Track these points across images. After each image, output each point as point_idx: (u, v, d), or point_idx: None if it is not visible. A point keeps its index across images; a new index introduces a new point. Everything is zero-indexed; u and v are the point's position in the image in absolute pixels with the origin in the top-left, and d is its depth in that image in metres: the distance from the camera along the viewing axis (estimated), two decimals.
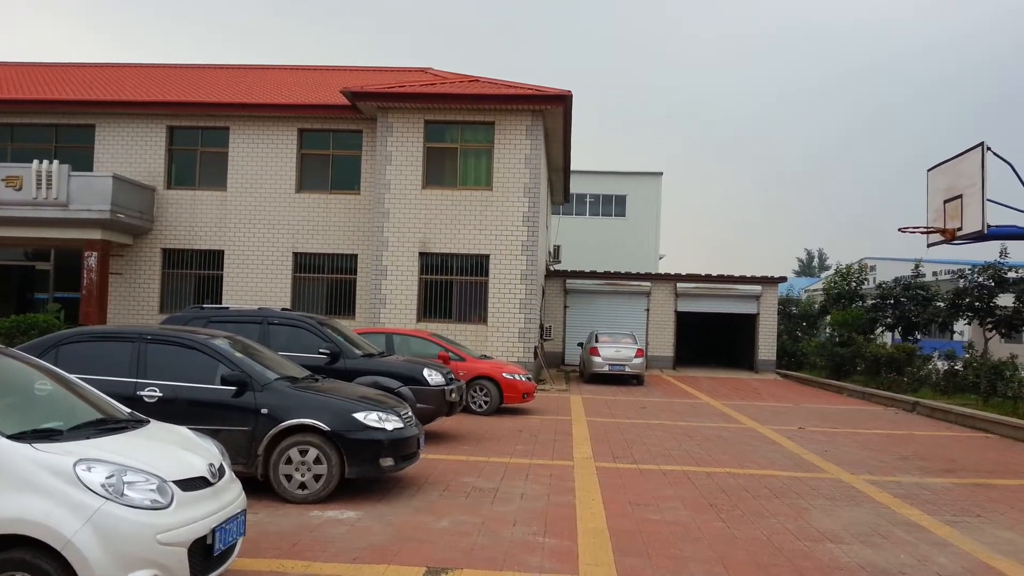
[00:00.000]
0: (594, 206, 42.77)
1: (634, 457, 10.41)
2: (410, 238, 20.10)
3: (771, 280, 29.90)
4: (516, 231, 20.03)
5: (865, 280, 31.55)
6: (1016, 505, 8.28)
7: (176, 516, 4.22)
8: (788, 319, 33.15)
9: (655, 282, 29.73)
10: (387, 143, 20.18)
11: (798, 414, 16.48)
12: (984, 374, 17.09)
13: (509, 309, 20.01)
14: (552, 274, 29.29)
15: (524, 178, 20.05)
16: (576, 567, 5.67)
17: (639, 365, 22.39)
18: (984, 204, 9.61)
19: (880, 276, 41.48)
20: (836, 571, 5.80)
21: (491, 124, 20.19)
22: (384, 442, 7.32)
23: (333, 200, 21.40)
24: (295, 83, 24.19)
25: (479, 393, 14.48)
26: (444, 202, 20.12)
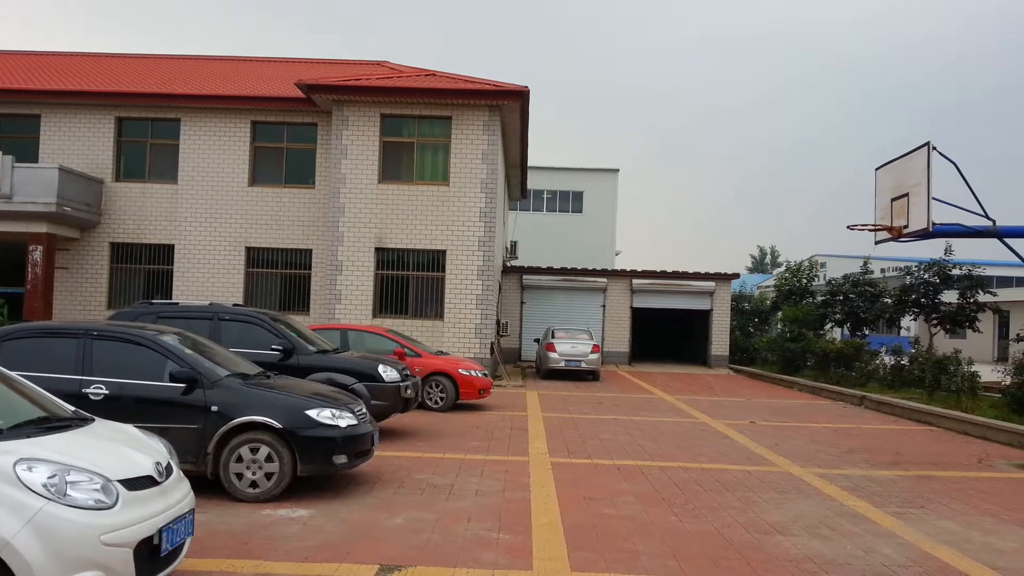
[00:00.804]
0: (551, 202, 42.89)
1: (589, 452, 10.47)
2: (366, 233, 19.93)
3: (724, 277, 30.30)
4: (473, 227, 20.00)
5: (815, 277, 32.18)
6: (958, 496, 8.51)
7: (121, 516, 4.12)
8: (741, 315, 33.64)
9: (611, 278, 29.92)
10: (342, 137, 19.98)
11: (750, 408, 16.74)
12: (929, 369, 17.55)
13: (466, 305, 19.97)
14: (509, 270, 29.31)
15: (481, 173, 20.02)
16: (530, 562, 5.69)
17: (595, 361, 22.53)
18: (929, 203, 9.85)
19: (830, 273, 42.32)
20: (785, 563, 5.91)
21: (448, 119, 20.11)
22: (338, 439, 7.25)
23: (287, 194, 21.12)
24: (248, 75, 23.81)
25: (435, 389, 14.43)
26: (400, 197, 20.00)
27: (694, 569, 5.67)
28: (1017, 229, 10.65)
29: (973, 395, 15.87)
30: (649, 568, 5.66)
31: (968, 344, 30.86)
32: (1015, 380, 14.23)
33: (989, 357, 36.92)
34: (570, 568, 5.58)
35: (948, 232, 10.59)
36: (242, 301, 20.48)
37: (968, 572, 5.83)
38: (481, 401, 15.35)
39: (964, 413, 14.41)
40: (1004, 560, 6.17)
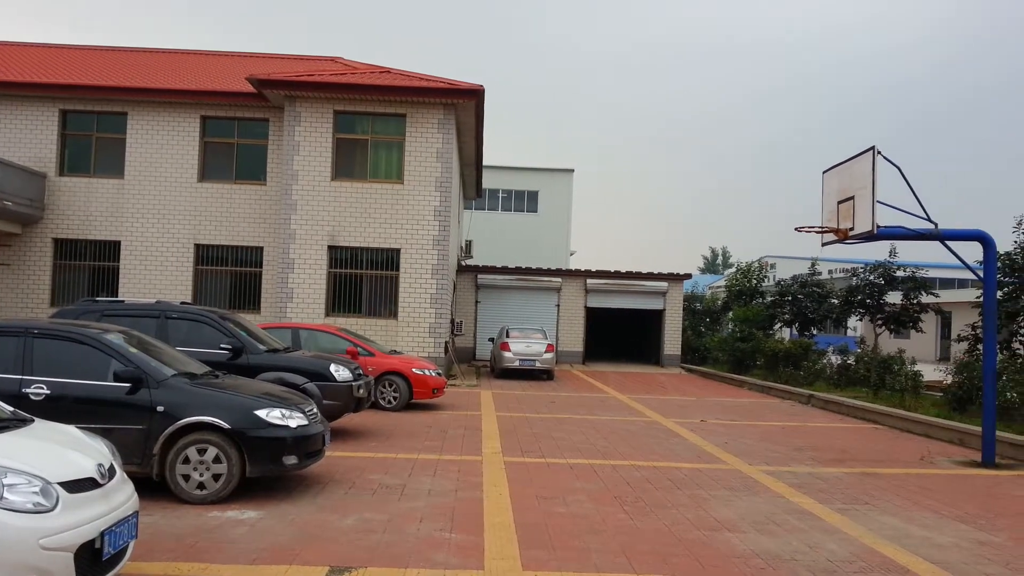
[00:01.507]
0: (506, 201, 42.90)
1: (542, 451, 10.50)
2: (318, 231, 19.72)
3: (677, 277, 30.65)
4: (427, 225, 19.91)
5: (765, 278, 32.74)
6: (901, 493, 8.73)
7: (61, 519, 4.02)
8: (693, 315, 34.06)
9: (566, 278, 30.05)
10: (295, 133, 19.73)
11: (701, 407, 16.96)
12: (874, 368, 17.97)
13: (420, 304, 19.88)
14: (464, 269, 29.25)
15: (436, 172, 19.94)
16: (482, 561, 5.68)
17: (549, 360, 22.61)
18: (874, 206, 10.07)
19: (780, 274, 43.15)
20: (732, 559, 6.00)
21: (403, 116, 20.00)
22: (287, 440, 7.16)
23: (238, 190, 20.78)
24: (198, 68, 23.36)
25: (388, 389, 14.34)
26: (354, 194, 19.82)
27: (644, 566, 5.72)
28: (958, 232, 10.95)
29: (916, 394, 16.30)
30: (600, 566, 5.70)
31: (912, 344, 31.68)
32: (956, 379, 14.64)
33: (932, 357, 37.94)
34: (522, 567, 5.59)
35: (892, 235, 10.83)
36: (191, 299, 20.10)
37: (908, 566, 5.98)
38: (435, 400, 15.30)
39: (907, 411, 14.78)
40: (942, 554, 6.35)
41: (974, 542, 6.77)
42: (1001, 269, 16.13)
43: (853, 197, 10.53)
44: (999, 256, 15.45)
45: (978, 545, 6.67)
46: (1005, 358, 15.65)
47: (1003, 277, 16.26)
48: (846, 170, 10.92)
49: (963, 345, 17.38)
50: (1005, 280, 16.34)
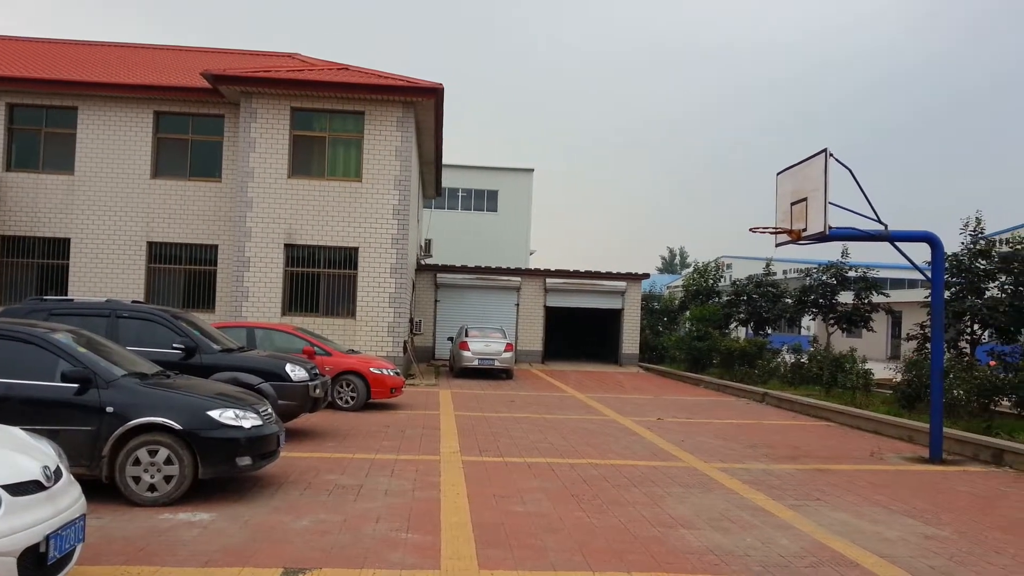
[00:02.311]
0: (466, 200, 42.86)
1: (500, 450, 10.51)
2: (275, 229, 19.48)
3: (635, 276, 30.88)
4: (386, 224, 19.79)
5: (721, 277, 33.17)
6: (851, 489, 8.91)
7: (4, 523, 3.91)
8: (651, 314, 34.36)
9: (525, 277, 30.09)
10: (251, 129, 19.46)
11: (658, 406, 17.11)
12: (826, 366, 18.30)
13: (378, 303, 19.75)
14: (423, 268, 29.13)
15: (395, 170, 19.83)
16: (438, 561, 5.66)
17: (508, 359, 22.63)
18: (826, 207, 10.26)
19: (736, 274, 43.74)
20: (687, 555, 6.06)
21: (361, 114, 19.84)
22: (241, 440, 7.05)
23: (192, 187, 20.43)
24: (151, 63, 22.91)
25: (345, 388, 14.22)
26: (311, 192, 19.62)
27: (600, 563, 5.75)
28: (907, 233, 11.20)
29: (867, 392, 16.65)
30: (556, 563, 5.72)
31: (863, 343, 32.39)
32: (905, 377, 14.98)
33: (883, 355, 38.81)
34: (478, 566, 5.58)
35: (843, 236, 11.04)
36: (143, 298, 19.72)
37: (857, 560, 6.10)
38: (393, 400, 15.22)
39: (858, 409, 15.08)
40: (890, 548, 6.49)
41: (921, 536, 6.93)
42: (948, 270, 16.55)
43: (806, 199, 10.71)
44: (946, 257, 15.87)
45: (925, 539, 6.84)
46: (952, 357, 16.07)
47: (950, 278, 16.69)
48: (799, 172, 11.11)
49: (912, 344, 17.81)
50: (952, 280, 16.77)
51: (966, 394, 13.38)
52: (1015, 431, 11.68)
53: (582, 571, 5.58)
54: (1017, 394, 12.87)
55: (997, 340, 16.36)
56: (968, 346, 17.02)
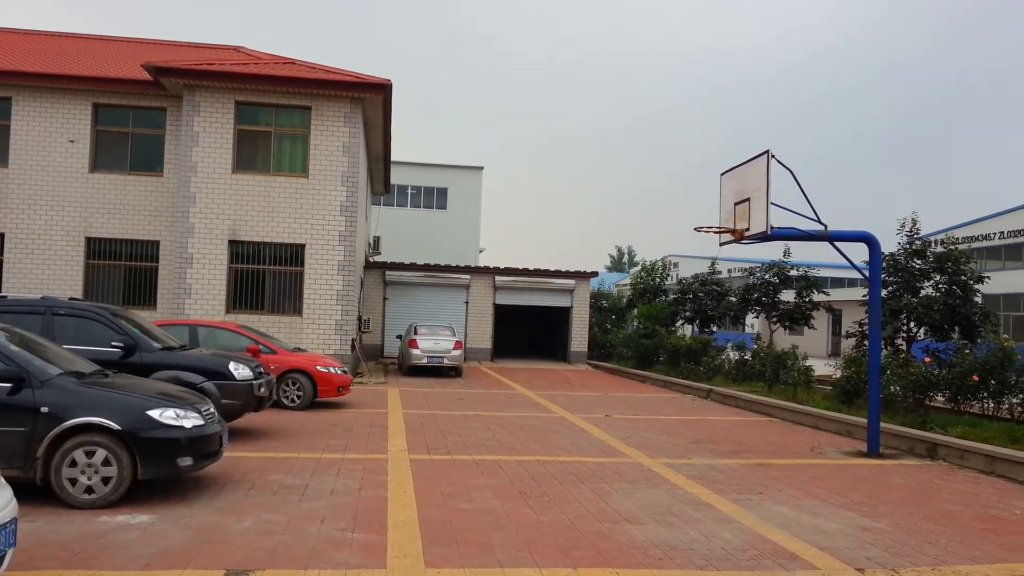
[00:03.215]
0: (415, 198, 42.61)
1: (449, 448, 10.48)
2: (219, 225, 19.10)
3: (584, 275, 31.10)
4: (333, 220, 19.57)
5: (668, 276, 33.59)
6: (792, 483, 9.10)
7: None
8: (599, 312, 34.65)
9: (474, 275, 30.08)
10: (194, 123, 19.05)
11: (606, 402, 17.26)
12: (769, 363, 18.66)
13: (326, 301, 19.53)
14: (371, 265, 28.90)
15: (342, 166, 19.62)
16: (384, 560, 5.62)
17: (457, 357, 22.59)
18: (768, 207, 10.47)
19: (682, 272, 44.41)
20: (632, 550, 6.13)
21: (307, 109, 19.59)
22: (182, 440, 6.90)
23: (133, 182, 19.92)
24: (91, 54, 22.26)
25: (291, 387, 14.03)
26: (256, 188, 19.30)
27: (546, 559, 5.78)
28: (845, 233, 11.49)
29: (808, 388, 17.02)
30: (503, 561, 5.72)
31: (805, 340, 33.12)
32: (844, 374, 15.36)
33: (823, 352, 39.80)
34: (424, 565, 5.56)
35: (785, 235, 11.27)
36: (81, 295, 19.17)
37: (797, 552, 6.24)
38: (340, 399, 15.07)
39: (800, 405, 15.41)
40: (828, 540, 6.65)
41: (858, 528, 7.12)
42: (886, 269, 17.01)
43: (749, 199, 10.91)
44: (884, 257, 16.32)
45: (862, 531, 7.02)
46: (889, 354, 16.52)
47: (887, 277, 17.15)
48: (742, 173, 11.31)
49: (851, 341, 18.25)
50: (889, 280, 17.23)
51: (902, 390, 13.77)
52: (948, 425, 12.06)
53: (528, 568, 5.60)
54: (950, 390, 13.29)
55: (932, 337, 16.87)
56: (904, 343, 17.51)
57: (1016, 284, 38.04)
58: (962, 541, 6.79)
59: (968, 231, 41.47)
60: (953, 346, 15.06)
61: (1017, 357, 12.70)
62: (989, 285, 18.74)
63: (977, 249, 39.41)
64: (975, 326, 16.31)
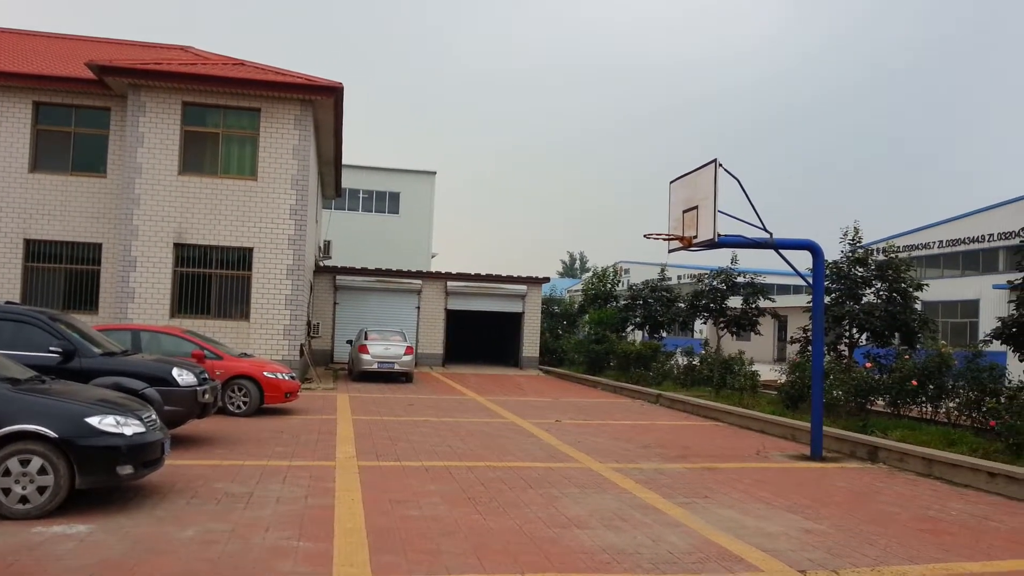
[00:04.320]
0: (367, 202, 42.30)
1: (398, 454, 10.41)
2: (164, 227, 18.70)
3: (536, 280, 31.20)
4: (282, 224, 19.31)
5: (619, 282, 33.89)
6: (737, 486, 9.25)
7: None
8: (551, 318, 34.79)
9: (426, 280, 29.96)
10: (139, 123, 18.64)
11: (556, 408, 17.33)
12: (716, 368, 18.97)
13: (274, 305, 19.25)
14: (321, 270, 28.59)
15: (292, 169, 19.38)
16: (330, 569, 5.55)
17: (408, 363, 22.46)
18: (716, 215, 10.64)
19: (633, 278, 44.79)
20: (580, 555, 6.15)
21: (257, 111, 19.31)
22: (122, 448, 6.73)
23: (74, 183, 19.39)
24: (33, 50, 21.63)
25: (237, 393, 13.79)
26: (203, 190, 18.94)
27: (494, 566, 5.77)
28: (790, 241, 11.75)
29: (754, 392, 17.33)
30: (451, 567, 5.70)
31: (751, 346, 33.70)
32: (789, 379, 15.67)
33: (769, 358, 40.51)
34: (371, 573, 5.50)
35: (732, 243, 11.46)
36: (18, 299, 18.56)
37: (741, 555, 6.34)
38: (288, 405, 14.86)
39: (746, 409, 15.68)
40: (772, 543, 6.77)
41: (801, 530, 7.26)
42: (829, 276, 17.41)
43: (697, 207, 11.07)
44: (827, 264, 16.70)
45: (804, 533, 7.16)
46: (832, 359, 16.90)
47: (831, 284, 17.55)
48: (691, 181, 11.47)
49: (796, 347, 18.62)
50: (832, 287, 17.64)
51: (845, 394, 14.10)
52: (889, 429, 12.38)
53: (476, 574, 5.59)
54: (891, 394, 13.66)
55: (873, 343, 17.30)
56: (847, 349, 17.93)
57: (954, 292, 39.25)
58: (900, 542, 6.97)
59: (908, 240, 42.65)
60: (893, 352, 15.49)
61: (954, 362, 13.12)
62: (928, 292, 19.30)
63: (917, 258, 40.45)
64: (914, 332, 16.78)
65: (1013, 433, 10.24)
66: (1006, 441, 10.35)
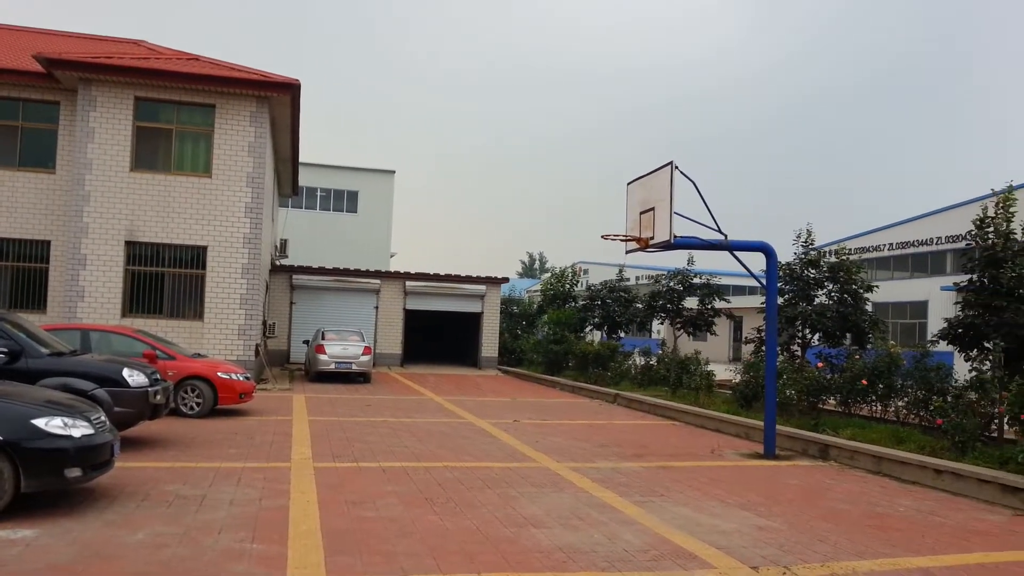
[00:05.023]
0: (325, 200, 41.90)
1: (355, 455, 10.33)
2: (115, 225, 18.30)
3: (495, 280, 31.20)
4: (238, 222, 19.03)
5: (578, 282, 34.04)
6: (692, 484, 9.36)
7: None
8: (510, 318, 34.81)
9: (385, 280, 29.77)
10: (89, 118, 18.21)
11: (515, 408, 17.35)
12: (673, 368, 19.16)
13: (229, 305, 18.95)
14: (278, 269, 28.24)
15: (247, 166, 19.10)
16: (284, 571, 5.49)
17: (366, 363, 22.30)
18: (672, 216, 10.76)
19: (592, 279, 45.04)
20: (536, 554, 6.17)
21: (212, 107, 18.99)
22: (70, 451, 6.58)
23: (22, 178, 18.88)
24: None
25: (191, 394, 13.55)
26: (156, 187, 18.58)
27: (450, 566, 5.76)
28: (744, 243, 11.92)
29: (710, 392, 17.54)
30: (407, 568, 5.67)
31: (708, 346, 34.13)
32: (743, 378, 15.90)
33: (725, 358, 41.08)
34: (326, 574, 5.46)
35: (688, 244, 11.60)
36: None
37: (696, 552, 6.42)
38: (243, 406, 14.66)
39: (702, 408, 15.87)
40: (726, 540, 6.87)
41: (754, 527, 7.37)
42: (782, 278, 17.69)
43: (654, 208, 11.18)
44: (780, 266, 16.97)
45: (758, 530, 7.28)
46: (785, 359, 17.18)
47: (784, 285, 17.84)
48: (648, 183, 11.58)
49: (750, 347, 18.89)
50: (785, 288, 17.93)
51: (797, 394, 14.35)
52: (839, 428, 12.63)
53: (432, 574, 5.57)
54: (842, 393, 13.94)
55: (825, 343, 17.62)
56: (800, 349, 18.23)
57: (903, 293, 40.22)
58: (850, 538, 7.12)
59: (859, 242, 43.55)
60: (844, 352, 15.81)
61: (903, 362, 13.44)
62: (878, 294, 19.71)
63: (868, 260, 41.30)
64: (865, 333, 17.13)
65: (959, 431, 10.52)
66: (952, 439, 10.63)
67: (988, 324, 11.63)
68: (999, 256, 11.83)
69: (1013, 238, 12.00)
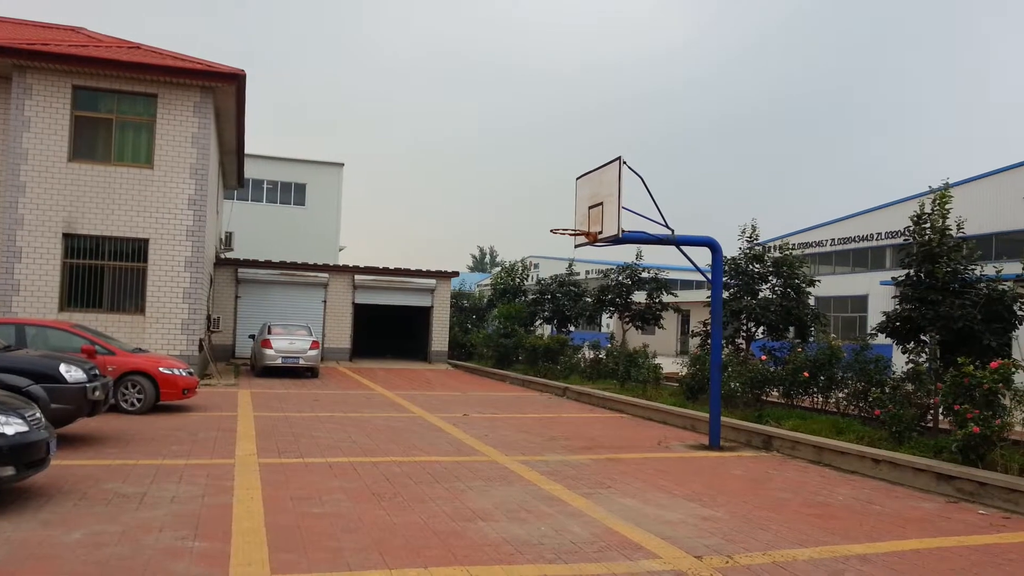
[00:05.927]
0: (272, 193, 41.26)
1: (301, 451, 10.21)
2: (52, 217, 17.76)
3: (445, 274, 31.11)
4: (181, 214, 18.62)
5: (528, 277, 34.14)
6: (639, 476, 9.46)
7: None
8: (460, 312, 34.76)
9: (333, 273, 29.46)
10: (24, 107, 17.63)
11: (465, 402, 17.33)
12: (621, 362, 19.32)
13: (171, 299, 18.55)
14: (223, 262, 27.72)
15: (191, 158, 18.70)
16: (227, 569, 5.39)
17: (314, 357, 22.05)
18: (620, 211, 10.84)
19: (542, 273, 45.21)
20: (484, 547, 6.18)
21: (154, 96, 18.53)
22: (2, 448, 6.37)
23: None
24: None
25: (131, 390, 13.23)
26: (95, 178, 18.07)
27: (397, 561, 5.73)
28: (690, 238, 12.06)
29: (657, 385, 17.75)
30: (352, 564, 5.63)
31: (656, 339, 34.56)
32: (690, 371, 16.13)
33: (672, 351, 41.61)
34: (270, 572, 5.38)
35: (635, 239, 11.69)
36: None
37: (642, 543, 6.49)
38: (186, 402, 14.37)
39: (649, 401, 16.05)
40: (672, 530, 6.96)
41: (699, 518, 7.48)
42: (728, 272, 17.97)
43: (602, 203, 11.25)
44: (726, 261, 17.23)
45: (702, 520, 7.39)
46: (730, 352, 17.47)
47: (729, 279, 18.12)
48: (596, 177, 11.65)
49: (697, 340, 19.16)
50: (731, 282, 18.21)
51: (742, 386, 14.60)
52: (782, 419, 12.89)
53: (379, 569, 5.54)
54: (784, 385, 14.23)
55: (769, 337, 17.96)
56: (744, 342, 18.55)
57: (845, 287, 41.22)
58: (791, 527, 7.28)
59: (803, 238, 44.55)
60: (788, 345, 16.12)
61: (843, 355, 13.76)
62: (821, 288, 20.16)
63: (810, 255, 42.40)
64: (807, 326, 17.50)
65: (896, 422, 10.82)
66: (889, 429, 10.93)
67: (924, 317, 11.97)
68: (935, 251, 12.18)
69: (948, 234, 12.35)
